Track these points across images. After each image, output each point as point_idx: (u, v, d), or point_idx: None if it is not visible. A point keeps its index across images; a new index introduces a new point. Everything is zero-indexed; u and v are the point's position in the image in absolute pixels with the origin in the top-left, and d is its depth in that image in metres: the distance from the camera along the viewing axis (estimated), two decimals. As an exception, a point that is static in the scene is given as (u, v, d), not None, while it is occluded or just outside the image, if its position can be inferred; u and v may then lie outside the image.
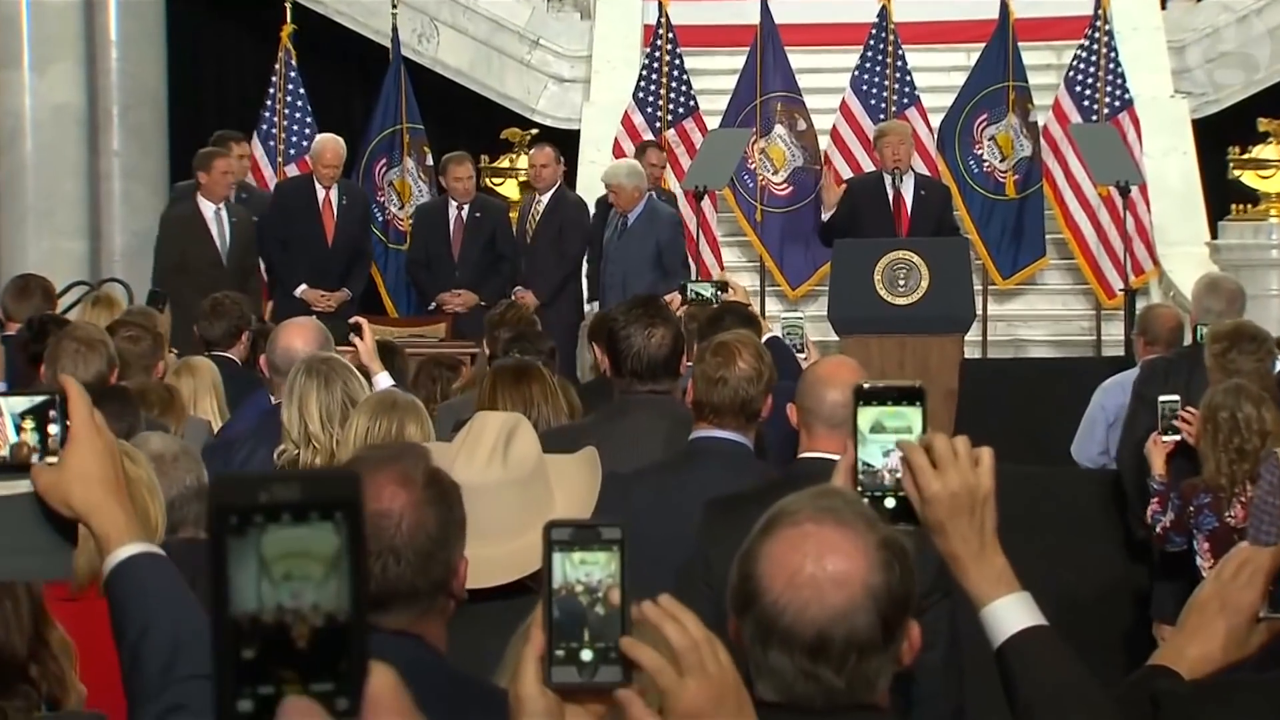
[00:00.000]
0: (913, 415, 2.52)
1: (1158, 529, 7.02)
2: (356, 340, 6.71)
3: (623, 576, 2.02)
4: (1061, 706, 2.44)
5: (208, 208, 11.83)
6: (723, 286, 8.65)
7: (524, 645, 2.05)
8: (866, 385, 2.55)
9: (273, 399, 6.15)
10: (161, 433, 4.62)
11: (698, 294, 8.65)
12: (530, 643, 2.04)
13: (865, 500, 2.46)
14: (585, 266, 12.63)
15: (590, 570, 2.02)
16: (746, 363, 4.78)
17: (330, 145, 12.45)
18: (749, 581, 2.25)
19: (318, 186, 12.34)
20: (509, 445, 3.41)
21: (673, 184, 13.66)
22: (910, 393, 2.53)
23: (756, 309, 9.07)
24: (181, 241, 11.62)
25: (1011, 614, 2.46)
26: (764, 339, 6.54)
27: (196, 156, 11.97)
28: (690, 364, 6.58)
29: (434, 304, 12.37)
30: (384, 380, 6.45)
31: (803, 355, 7.55)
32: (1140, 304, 11.57)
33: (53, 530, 2.55)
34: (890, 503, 2.51)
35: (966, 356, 10.93)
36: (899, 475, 2.50)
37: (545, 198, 12.44)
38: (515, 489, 3.38)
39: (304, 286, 12.04)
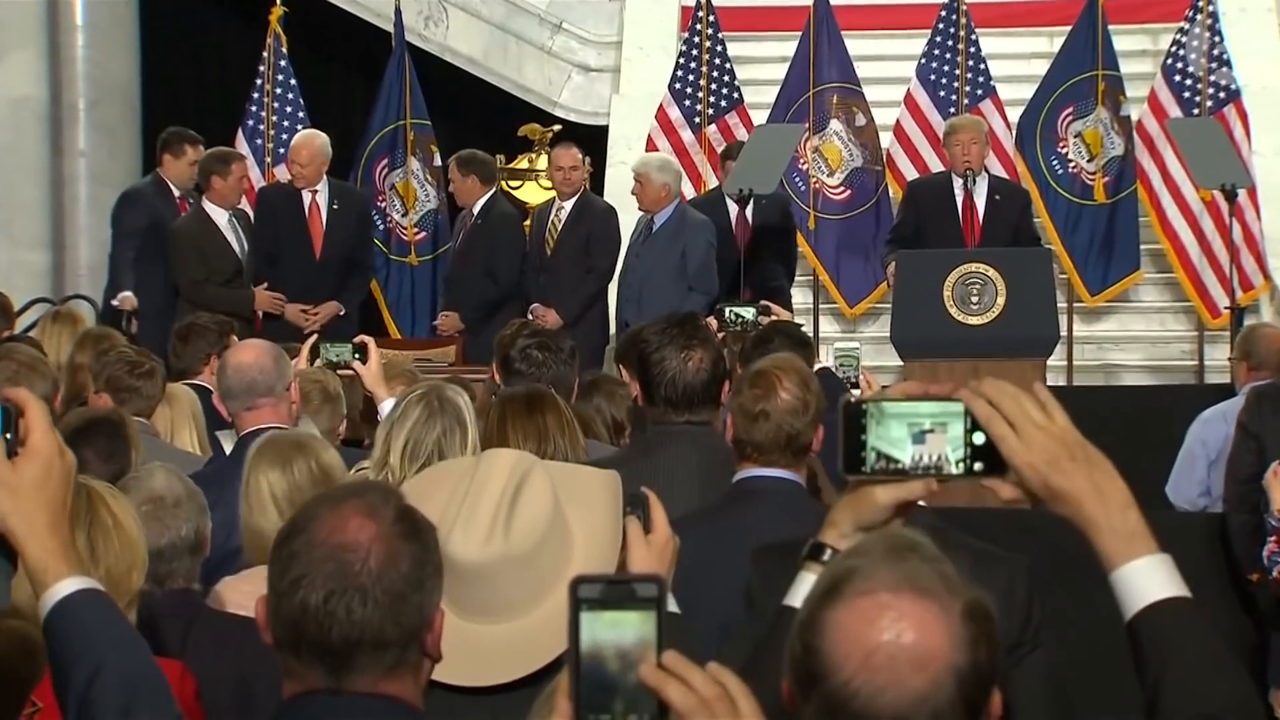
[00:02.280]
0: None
1: (1275, 573, 6.98)
2: (357, 366, 6.74)
3: (660, 638, 2.02)
4: (1191, 690, 2.43)
5: (219, 215, 11.91)
6: (765, 310, 8.63)
7: (547, 716, 2.05)
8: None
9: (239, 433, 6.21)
10: (168, 470, 4.61)
11: (738, 316, 8.63)
12: (556, 714, 2.04)
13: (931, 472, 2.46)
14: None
15: (623, 632, 2.01)
16: (789, 392, 4.77)
17: (303, 142, 12.47)
18: (815, 656, 2.22)
19: (303, 190, 12.37)
20: (514, 507, 3.37)
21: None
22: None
23: (806, 330, 9.06)
24: (200, 256, 11.73)
25: (1147, 580, 2.46)
26: (814, 369, 6.54)
27: (207, 158, 12.03)
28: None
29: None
30: (390, 406, 6.50)
31: (857, 392, 7.53)
32: (1249, 324, 11.51)
33: None
34: (948, 470, 2.49)
35: (1049, 384, 10.88)
36: (937, 463, 2.48)
37: (569, 204, 12.42)
38: (521, 565, 3.35)
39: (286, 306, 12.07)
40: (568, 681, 2.04)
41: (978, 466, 2.47)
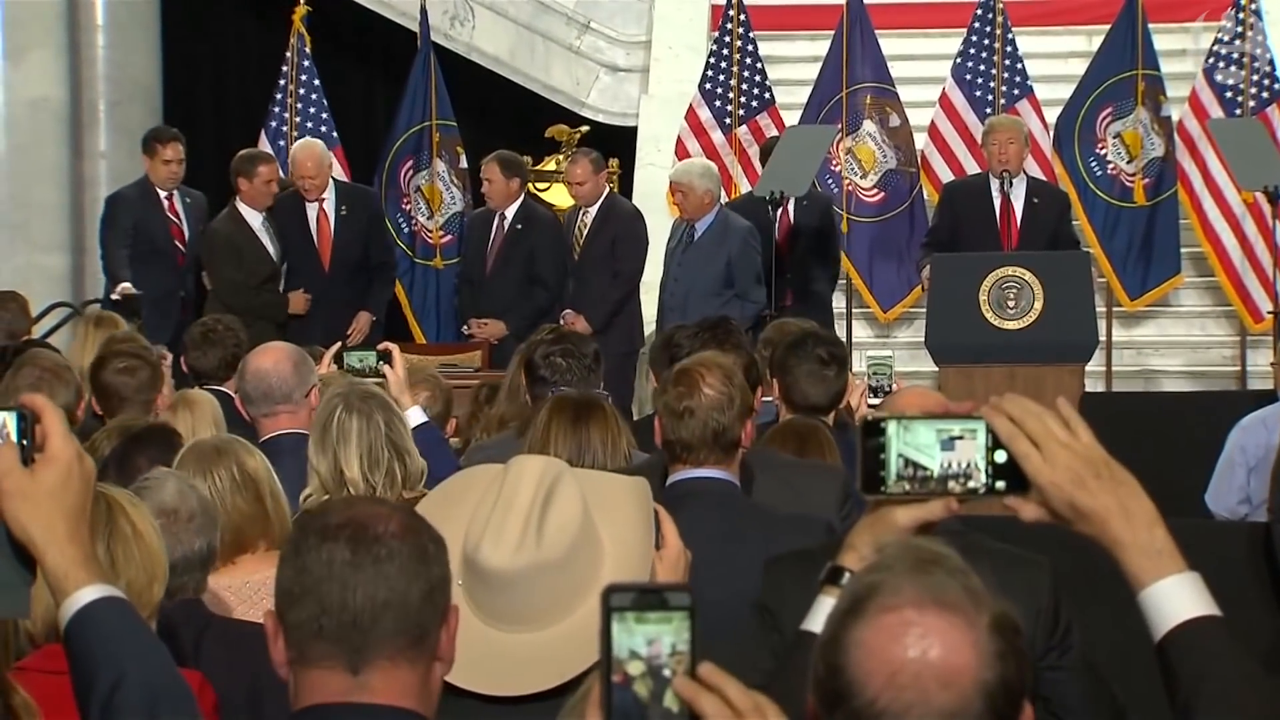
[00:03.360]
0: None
1: None
2: (386, 369, 6.74)
3: (694, 647, 2.03)
4: (1224, 711, 2.42)
5: (254, 218, 11.96)
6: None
7: None
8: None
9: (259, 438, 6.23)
10: (180, 480, 4.62)
11: None
12: None
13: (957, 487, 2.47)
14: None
15: (654, 641, 2.02)
16: (713, 388, 4.81)
17: (305, 154, 12.49)
18: (839, 676, 2.20)
19: (308, 201, 12.41)
20: (545, 513, 3.39)
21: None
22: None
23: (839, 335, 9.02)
24: (237, 257, 11.78)
25: (1176, 599, 2.46)
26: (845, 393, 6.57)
27: (235, 160, 12.09)
28: (767, 400, 6.58)
29: (465, 329, 12.49)
30: (416, 415, 6.51)
31: (876, 401, 7.53)
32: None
33: (12, 561, 2.59)
34: (975, 483, 2.49)
35: (1088, 390, 10.86)
36: (970, 475, 2.48)
37: (594, 209, 12.43)
38: (552, 572, 3.37)
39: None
40: (598, 691, 2.05)
41: (999, 485, 2.47)
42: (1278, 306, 12.14)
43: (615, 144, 13.57)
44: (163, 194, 12.28)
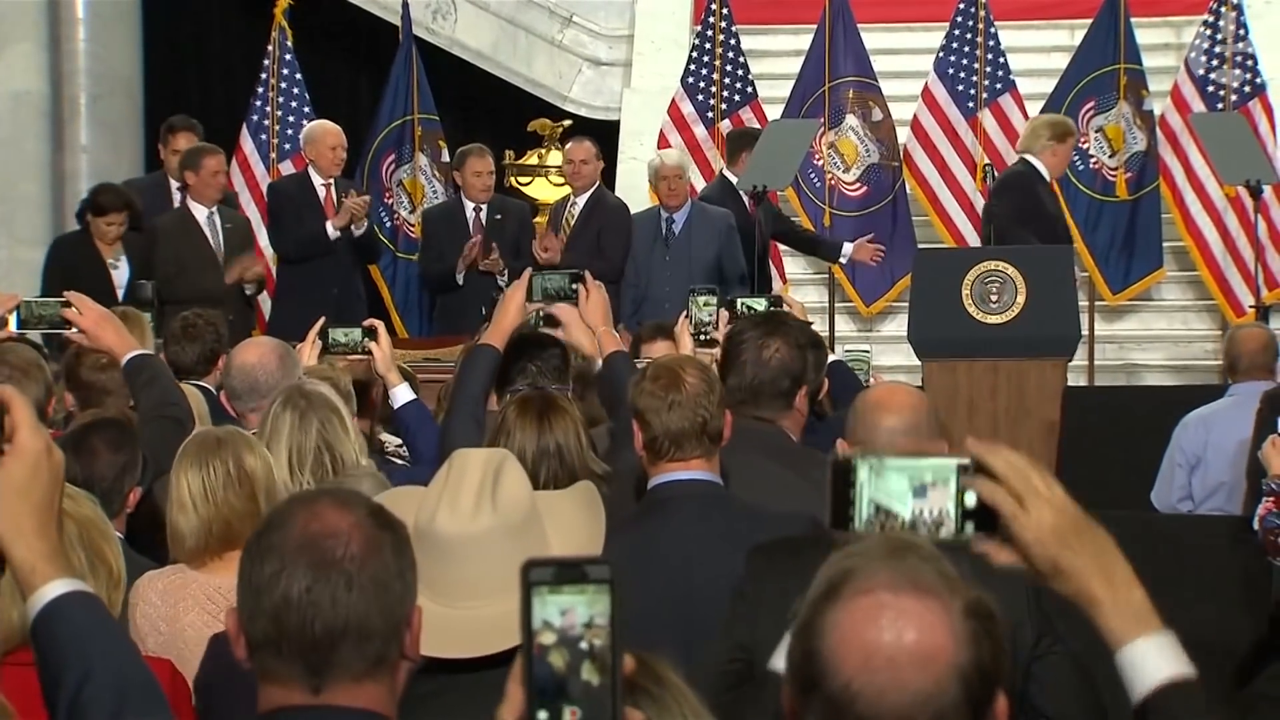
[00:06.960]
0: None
1: (1271, 536, 6.98)
2: (372, 345, 6.72)
3: (614, 617, 2.03)
4: None
5: (199, 212, 11.85)
6: (777, 302, 8.61)
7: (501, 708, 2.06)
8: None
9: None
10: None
11: (751, 310, 8.56)
12: (507, 702, 2.05)
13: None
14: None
15: (567, 612, 2.03)
16: (694, 377, 4.81)
17: (331, 128, 12.43)
18: (814, 660, 2.22)
19: (316, 183, 12.33)
20: (496, 486, 3.41)
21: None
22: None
23: (821, 329, 9.00)
24: (176, 252, 11.63)
25: (1154, 659, 2.46)
26: (828, 361, 6.58)
27: (183, 154, 12.01)
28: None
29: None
30: (403, 393, 6.50)
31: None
32: (1276, 323, 11.49)
33: None
34: (945, 531, 2.47)
35: (1070, 384, 10.87)
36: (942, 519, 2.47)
37: (581, 200, 12.42)
38: (509, 537, 3.38)
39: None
40: (520, 667, 2.05)
41: (968, 527, 2.46)
42: (1259, 300, 12.16)
43: (597, 138, 13.51)
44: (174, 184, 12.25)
